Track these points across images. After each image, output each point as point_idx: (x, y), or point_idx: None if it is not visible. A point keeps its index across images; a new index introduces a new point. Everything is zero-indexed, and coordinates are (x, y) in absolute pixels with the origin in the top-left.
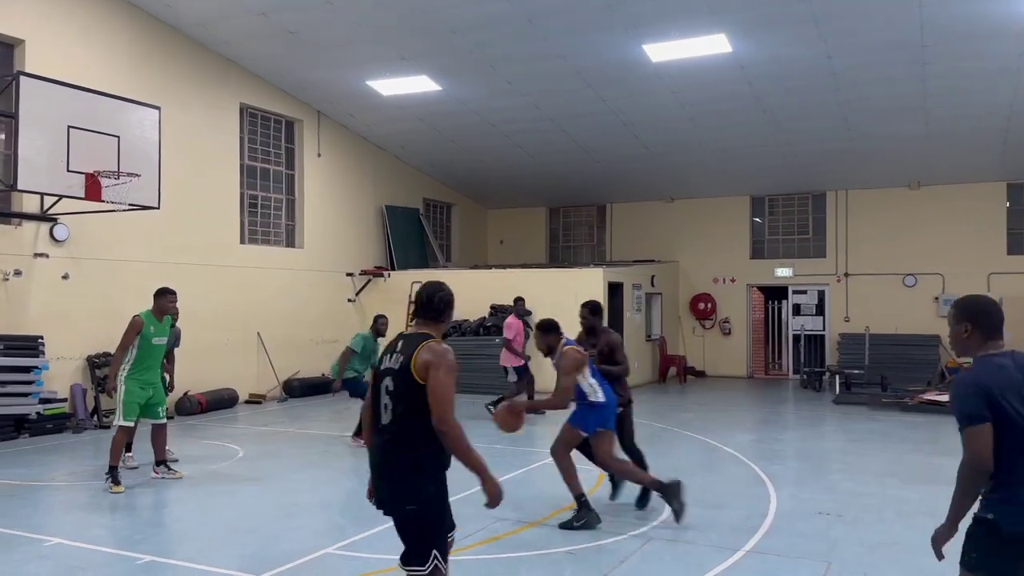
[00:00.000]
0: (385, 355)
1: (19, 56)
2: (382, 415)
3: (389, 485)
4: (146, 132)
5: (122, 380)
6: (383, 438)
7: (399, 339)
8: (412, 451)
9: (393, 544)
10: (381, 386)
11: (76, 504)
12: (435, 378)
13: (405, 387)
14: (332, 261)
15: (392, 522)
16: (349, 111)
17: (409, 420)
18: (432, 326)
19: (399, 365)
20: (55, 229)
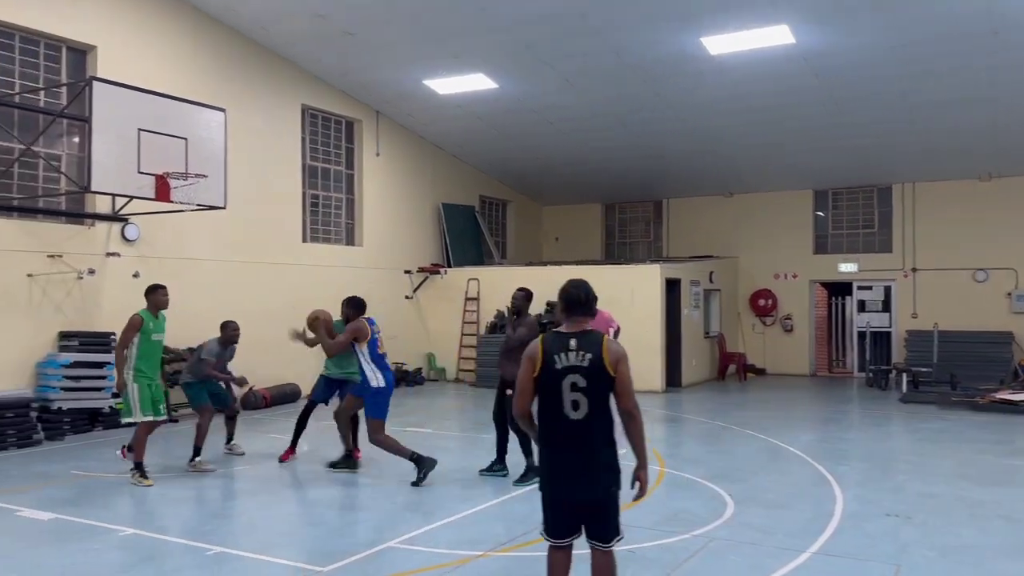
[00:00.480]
0: (557, 354)
1: (91, 62)
2: (569, 411)
3: (596, 472)
4: (212, 134)
5: (131, 379)
6: (576, 431)
7: (567, 338)
8: (607, 438)
9: (454, 539)
10: (563, 383)
11: (148, 496)
12: (624, 370)
13: (599, 382)
14: (390, 259)
15: (451, 515)
16: (407, 110)
17: (602, 411)
18: (587, 322)
19: (588, 362)
20: (126, 229)
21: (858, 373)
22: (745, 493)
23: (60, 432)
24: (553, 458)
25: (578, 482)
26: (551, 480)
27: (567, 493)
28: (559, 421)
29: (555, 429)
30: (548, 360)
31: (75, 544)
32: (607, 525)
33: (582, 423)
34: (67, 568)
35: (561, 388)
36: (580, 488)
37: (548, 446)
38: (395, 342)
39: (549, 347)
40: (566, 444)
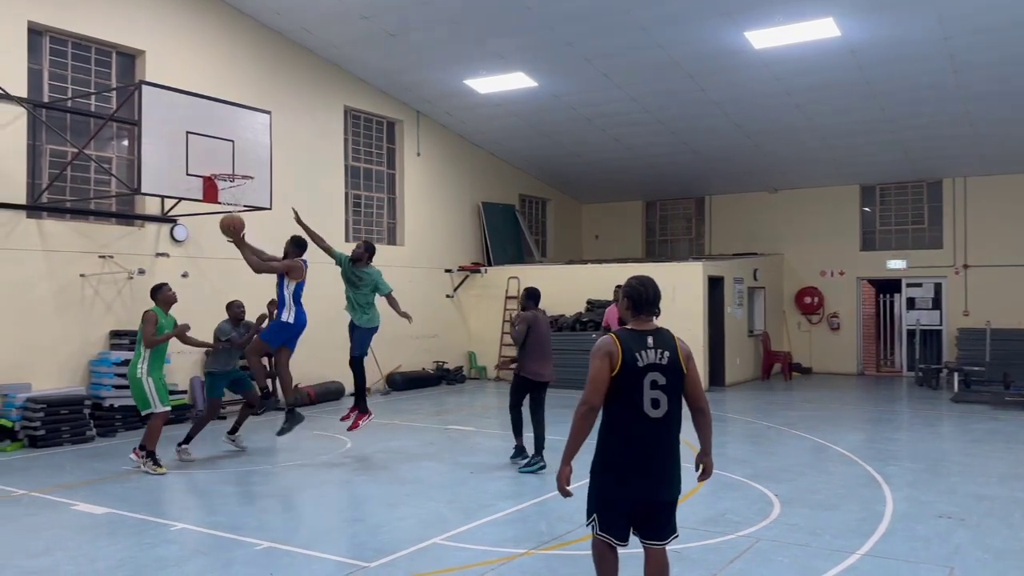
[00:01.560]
0: (638, 352)
1: (140, 66)
2: (649, 409)
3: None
4: (258, 136)
5: (144, 374)
6: (658, 429)
7: (643, 335)
8: (678, 438)
9: (497, 536)
10: (644, 381)
11: (198, 491)
12: (694, 367)
13: (678, 380)
14: (431, 257)
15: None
16: (447, 110)
17: (678, 409)
18: (653, 320)
19: (667, 360)
20: (175, 230)
21: (907, 372)
22: (792, 494)
23: (112, 429)
24: (632, 457)
25: (660, 482)
26: (626, 480)
27: (646, 493)
28: (640, 420)
29: (635, 428)
30: (629, 358)
31: (129, 538)
32: (669, 523)
33: (662, 421)
34: (122, 562)
35: (642, 386)
36: (661, 488)
37: (626, 445)
38: (436, 341)
39: (629, 345)
40: (647, 443)
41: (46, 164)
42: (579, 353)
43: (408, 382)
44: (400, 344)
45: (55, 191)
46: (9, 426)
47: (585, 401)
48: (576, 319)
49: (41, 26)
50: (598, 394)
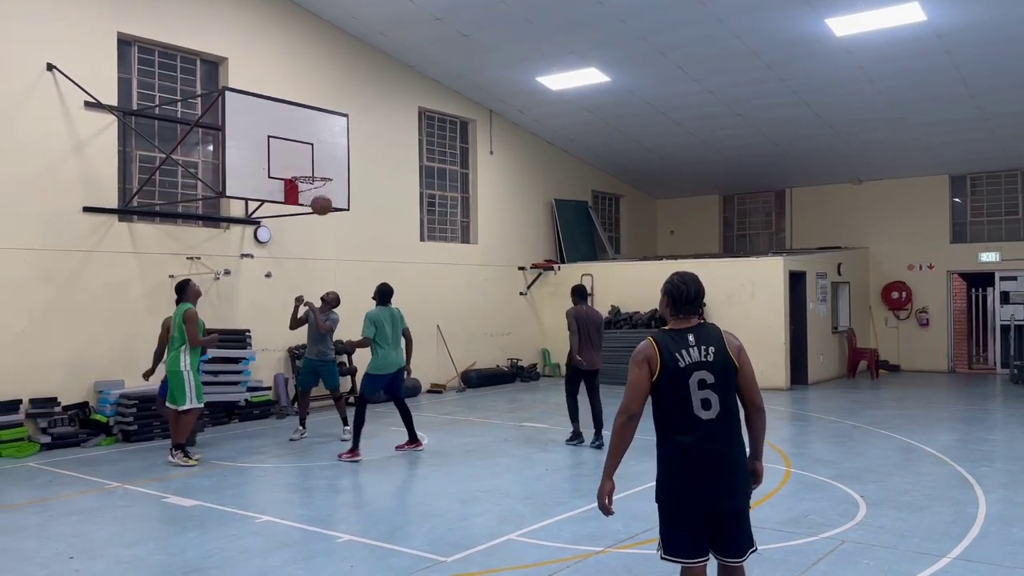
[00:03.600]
0: (678, 352)
1: (223, 73)
2: (700, 411)
3: (736, 475)
4: (336, 139)
5: (188, 368)
6: (714, 431)
7: (683, 334)
8: (740, 437)
9: (573, 534)
10: (690, 382)
11: (281, 484)
12: (747, 362)
13: (728, 377)
14: (504, 256)
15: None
16: (519, 108)
17: (733, 407)
18: (696, 318)
19: (714, 356)
20: (258, 231)
21: (1001, 369)
22: (878, 495)
23: (200, 424)
24: (689, 465)
25: (724, 488)
26: (688, 491)
27: (711, 502)
28: (691, 424)
29: (688, 433)
30: (669, 359)
31: (216, 529)
32: (743, 535)
33: (716, 423)
34: (210, 552)
35: (688, 388)
36: (727, 495)
37: (683, 454)
38: (509, 338)
39: (667, 346)
40: (704, 448)
41: (136, 170)
42: None
43: (483, 379)
44: (475, 342)
45: (145, 195)
46: (104, 421)
47: (623, 410)
48: (651, 316)
49: (130, 36)
50: (636, 401)
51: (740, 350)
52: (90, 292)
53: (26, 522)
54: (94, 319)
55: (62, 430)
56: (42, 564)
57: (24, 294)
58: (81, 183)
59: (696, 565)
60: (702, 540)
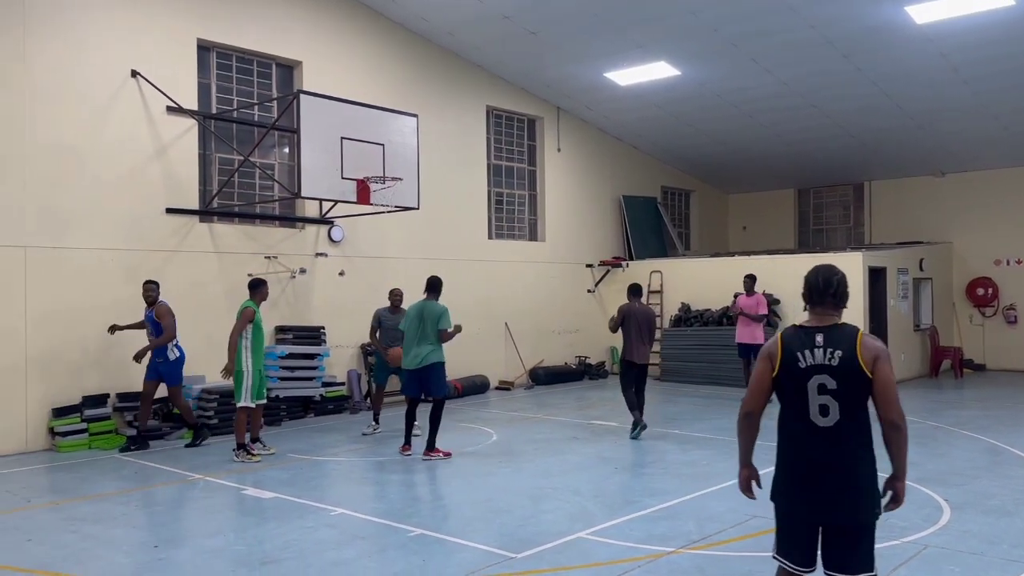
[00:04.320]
0: (801, 352)
1: (298, 76)
2: (816, 417)
3: (848, 491)
4: (406, 139)
5: (249, 366)
6: (828, 440)
7: (812, 332)
8: (864, 450)
9: (644, 533)
10: (809, 385)
11: (355, 478)
12: (885, 372)
13: (853, 384)
14: (572, 253)
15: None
16: (587, 104)
17: (856, 418)
18: (836, 315)
19: (839, 361)
20: (332, 231)
21: None
22: (963, 498)
23: (278, 418)
24: (796, 470)
25: (833, 502)
26: (790, 494)
27: (818, 514)
28: (805, 428)
29: (800, 437)
30: (789, 358)
31: (293, 521)
32: (855, 556)
33: (833, 431)
34: (288, 544)
35: (807, 390)
36: (836, 509)
37: (795, 457)
38: (577, 336)
39: (790, 343)
40: (816, 456)
41: (215, 172)
42: (723, 349)
43: (551, 377)
44: (543, 339)
45: (224, 197)
46: None
47: (742, 406)
48: (723, 314)
49: (208, 42)
50: (753, 397)
51: (877, 359)
52: (173, 291)
53: (114, 511)
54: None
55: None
56: (128, 552)
57: (111, 293)
58: (164, 185)
59: (800, 572)
60: (807, 550)
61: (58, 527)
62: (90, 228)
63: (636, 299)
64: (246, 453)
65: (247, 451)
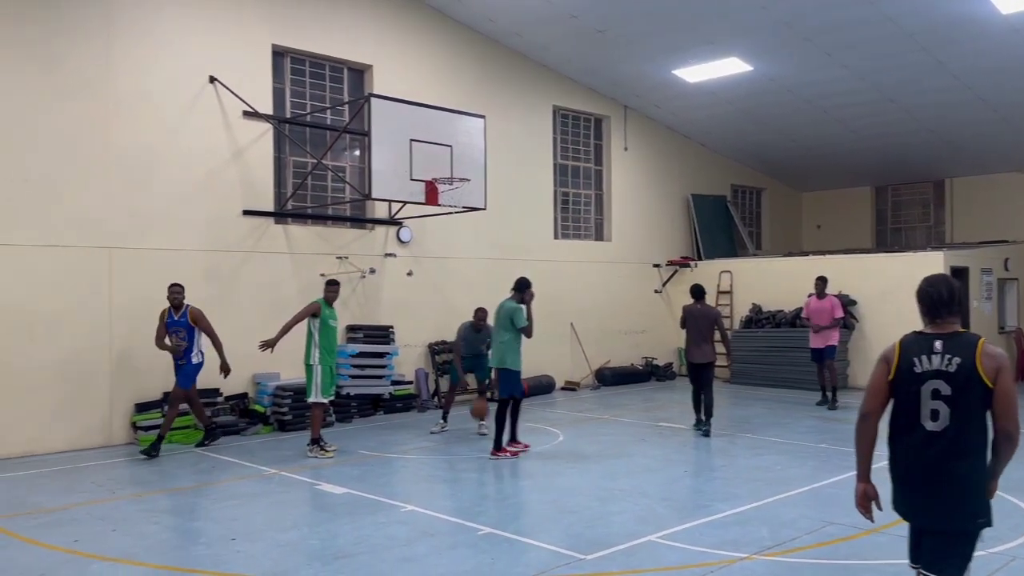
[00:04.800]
0: (918, 357)
1: (368, 79)
2: (927, 420)
3: (951, 497)
4: (474, 140)
5: (318, 363)
6: (936, 444)
7: (931, 339)
8: (977, 459)
9: (715, 539)
10: (922, 390)
11: (423, 475)
12: (1006, 382)
13: (969, 391)
14: (639, 253)
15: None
16: (655, 102)
17: (967, 425)
18: (955, 323)
19: (957, 368)
20: (400, 232)
21: None
22: None
23: (349, 415)
24: (902, 472)
25: (932, 506)
26: (901, 497)
27: (918, 515)
28: (914, 431)
29: (910, 440)
30: (905, 363)
31: (365, 517)
32: (949, 561)
33: (941, 436)
34: (360, 539)
35: (919, 394)
36: (933, 512)
37: (903, 458)
38: (644, 336)
39: (908, 348)
40: (921, 458)
41: (289, 174)
42: (796, 351)
43: (617, 377)
44: (609, 340)
45: (297, 199)
46: (261, 411)
47: (860, 407)
48: (796, 315)
49: (283, 48)
50: (870, 400)
51: (999, 370)
52: (249, 290)
53: (193, 504)
54: (252, 315)
55: (224, 419)
56: (207, 544)
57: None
58: (240, 188)
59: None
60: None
61: (141, 518)
62: (170, 229)
63: (698, 300)
64: (320, 448)
65: (321, 446)
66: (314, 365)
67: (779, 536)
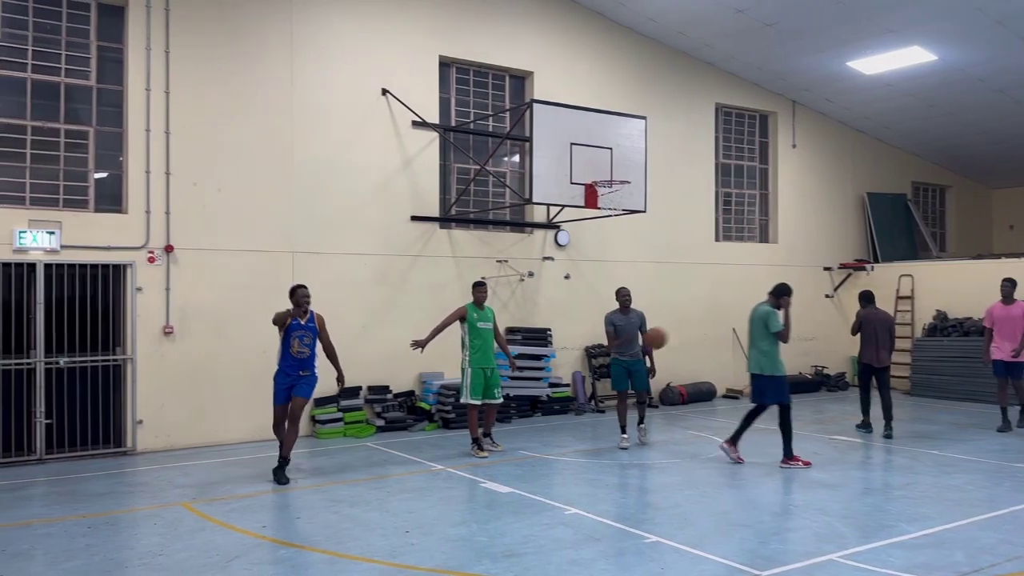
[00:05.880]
0: None
1: (529, 86)
2: None
3: None
4: (634, 142)
5: (467, 365)
6: None
7: None
8: None
9: (905, 561)
10: None
11: (586, 478)
12: None
13: None
14: (808, 255)
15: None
16: (827, 96)
17: None
18: None
19: None
20: (558, 235)
21: None
22: None
23: (507, 416)
24: None
25: None
26: None
27: None
28: None
29: None
30: None
31: (529, 517)
32: None
33: None
34: (526, 539)
35: None
36: None
37: None
38: (813, 344)
39: None
40: None
41: (454, 181)
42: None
43: None
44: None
45: (460, 204)
46: (427, 409)
47: None
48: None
49: (449, 59)
50: None
51: None
52: (416, 292)
53: (368, 496)
54: (419, 316)
55: (393, 415)
56: (383, 535)
57: (364, 294)
58: (409, 194)
59: None
60: None
61: (322, 507)
62: (346, 235)
63: (871, 305)
64: (477, 448)
65: (478, 446)
66: (464, 368)
67: (977, 562)
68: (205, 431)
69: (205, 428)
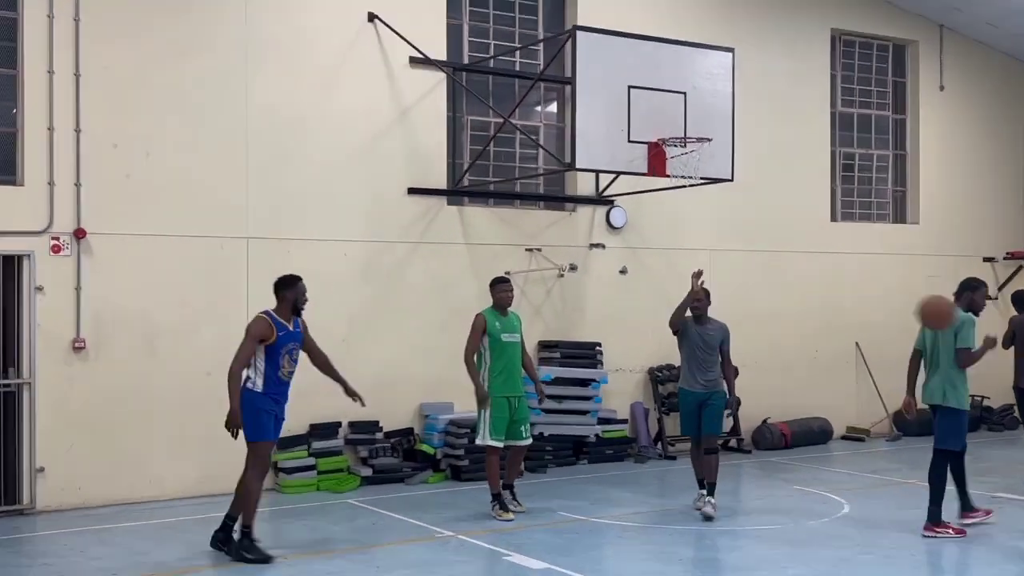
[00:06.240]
0: None
1: (570, 10)
2: None
3: None
4: (716, 84)
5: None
6: None
7: None
8: None
9: None
10: None
11: (649, 552)
12: None
13: None
14: (961, 241)
15: None
16: (988, 19)
17: None
18: None
19: None
20: (611, 214)
21: None
22: None
23: (542, 463)
24: None
25: None
26: None
27: None
28: None
29: None
30: None
31: None
32: None
33: None
34: None
35: None
36: None
37: None
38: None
39: None
40: None
41: (467, 139)
42: None
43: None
44: None
45: (476, 171)
46: (430, 453)
47: None
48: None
49: None
50: None
51: None
52: (414, 292)
53: (352, 573)
54: (419, 325)
55: (384, 461)
56: None
57: (344, 296)
58: (405, 159)
59: None
60: None
61: None
62: (319, 215)
63: None
64: (499, 507)
65: (500, 504)
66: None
67: None
68: (130, 483)
69: (129, 479)
